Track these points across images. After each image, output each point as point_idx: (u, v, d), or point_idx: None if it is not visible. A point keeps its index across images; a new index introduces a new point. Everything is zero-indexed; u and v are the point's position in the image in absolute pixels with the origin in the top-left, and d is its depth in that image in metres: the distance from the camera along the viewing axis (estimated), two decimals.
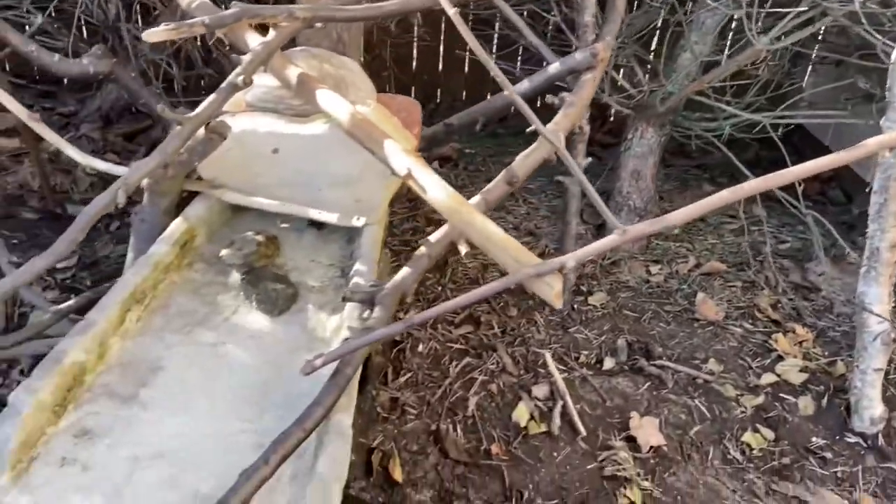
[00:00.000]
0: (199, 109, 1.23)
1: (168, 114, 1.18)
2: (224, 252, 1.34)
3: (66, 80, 3.29)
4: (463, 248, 1.24)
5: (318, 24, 1.35)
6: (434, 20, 3.00)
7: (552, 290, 1.00)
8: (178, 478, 0.96)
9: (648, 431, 1.67)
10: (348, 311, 1.23)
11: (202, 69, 2.67)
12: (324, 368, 1.03)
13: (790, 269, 2.36)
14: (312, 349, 1.22)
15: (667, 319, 2.09)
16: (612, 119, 3.35)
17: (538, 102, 3.75)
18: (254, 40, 1.40)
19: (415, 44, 2.99)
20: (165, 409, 1.06)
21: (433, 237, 1.25)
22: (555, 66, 1.57)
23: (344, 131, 1.25)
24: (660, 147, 2.41)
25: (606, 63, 1.57)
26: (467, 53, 3.05)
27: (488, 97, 1.98)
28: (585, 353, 1.92)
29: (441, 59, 3.20)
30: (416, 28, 3.01)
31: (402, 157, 1.17)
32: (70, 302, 1.40)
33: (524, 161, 1.32)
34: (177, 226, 1.35)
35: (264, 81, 1.40)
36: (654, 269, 2.33)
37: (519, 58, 2.87)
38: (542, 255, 2.38)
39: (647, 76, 2.32)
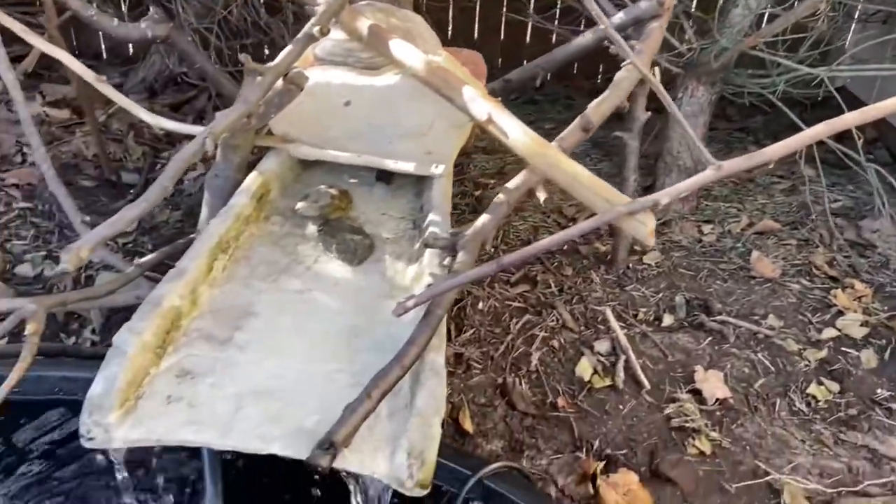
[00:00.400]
0: (277, 60, 1.23)
1: (250, 64, 1.19)
2: (300, 205, 1.36)
3: (105, 54, 3.33)
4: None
5: None
6: None
7: (646, 228, 1.00)
8: (282, 414, 0.98)
9: (713, 384, 1.67)
10: (428, 258, 1.24)
11: (245, 39, 2.69)
12: (409, 314, 1.05)
13: (844, 226, 2.33)
14: (394, 296, 1.23)
15: (723, 277, 2.08)
16: None
17: (575, 68, 3.72)
18: None
19: (450, 8, 2.96)
20: (261, 352, 1.08)
21: (511, 184, 1.25)
22: (619, 16, 1.56)
23: (420, 80, 1.26)
24: (710, 105, 2.39)
25: (671, 11, 1.55)
26: (503, 17, 3.02)
27: (524, 64, 1.96)
28: (643, 310, 1.92)
29: (477, 23, 3.18)
30: None
31: (482, 103, 1.18)
32: (150, 256, 1.42)
33: (598, 107, 1.31)
34: (252, 179, 1.36)
35: (332, 35, 1.40)
36: (706, 228, 2.32)
37: (556, 19, 2.84)
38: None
39: (695, 33, 2.30)
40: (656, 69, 2.35)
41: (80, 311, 1.72)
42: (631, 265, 2.08)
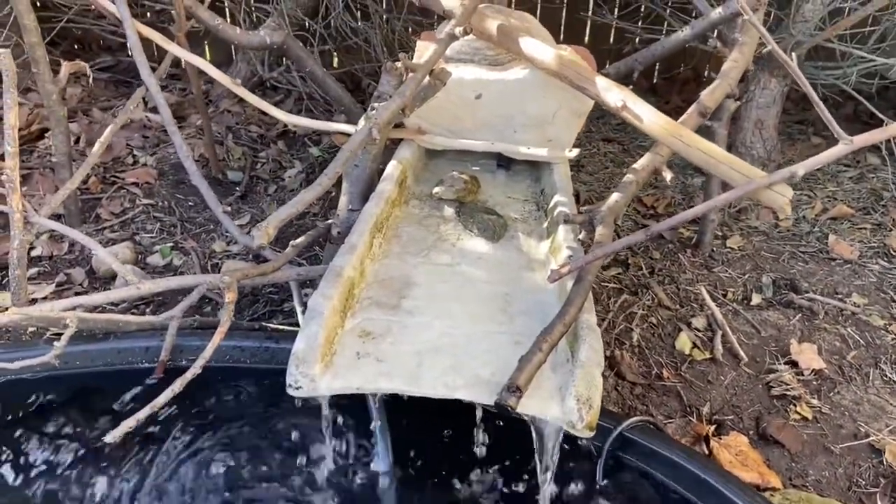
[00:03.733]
0: (425, 57, 1.37)
1: (405, 62, 1.33)
2: (437, 189, 1.50)
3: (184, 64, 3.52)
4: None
5: None
6: None
7: (784, 199, 1.11)
8: (460, 366, 1.10)
9: (809, 356, 1.77)
10: (562, 234, 1.36)
11: (339, 42, 2.85)
12: (552, 284, 1.17)
13: None
14: (532, 269, 1.36)
15: (804, 259, 2.18)
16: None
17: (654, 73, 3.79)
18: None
19: (538, 9, 3.08)
20: (428, 315, 1.21)
21: (638, 164, 1.37)
22: (717, 12, 1.67)
23: (552, 73, 1.38)
24: (782, 97, 2.49)
25: (766, 6, 1.66)
26: (589, 18, 3.13)
27: (607, 65, 2.07)
28: (732, 290, 2.02)
29: (563, 24, 3.27)
30: None
31: (616, 91, 1.30)
32: (300, 239, 1.56)
33: (711, 94, 1.43)
34: (394, 167, 1.50)
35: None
36: (782, 214, 2.41)
37: (639, 21, 2.95)
38: (668, 206, 2.49)
39: (767, 28, 2.40)
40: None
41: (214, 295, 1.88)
42: (715, 249, 2.19)
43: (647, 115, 1.26)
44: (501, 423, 1.24)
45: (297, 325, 1.63)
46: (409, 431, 1.30)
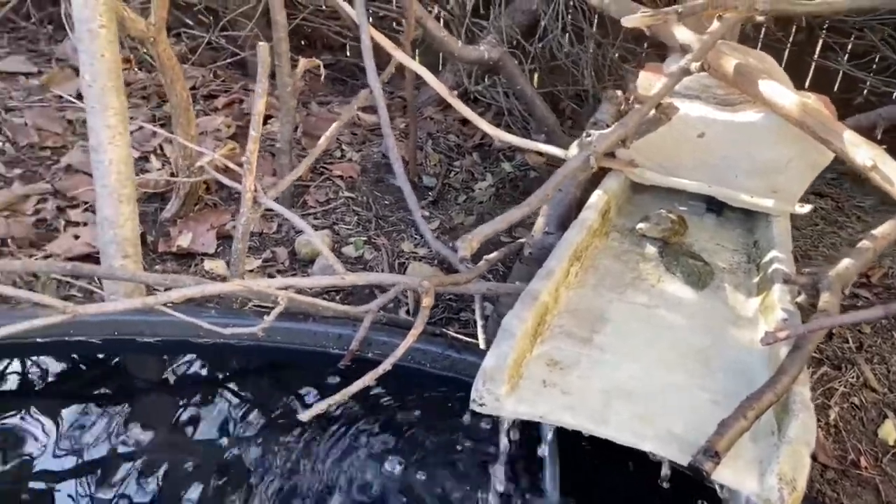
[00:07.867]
0: (654, 91, 1.33)
1: (636, 92, 1.30)
2: (641, 225, 1.44)
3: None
4: None
5: (760, 18, 1.40)
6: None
7: None
8: (650, 416, 1.05)
9: None
10: (778, 293, 1.25)
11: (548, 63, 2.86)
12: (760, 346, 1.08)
13: None
14: (738, 325, 1.27)
15: None
16: None
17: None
18: (679, 32, 1.48)
19: (759, 44, 2.89)
20: (620, 355, 1.17)
21: (878, 231, 1.24)
22: None
23: (791, 121, 1.29)
24: None
25: None
26: (815, 61, 2.88)
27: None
28: None
29: (784, 65, 3.04)
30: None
31: (866, 150, 1.18)
32: (494, 254, 1.58)
33: None
34: (599, 197, 1.47)
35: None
36: None
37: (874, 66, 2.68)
38: (884, 277, 2.24)
39: None
40: None
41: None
42: None
43: None
44: (683, 482, 1.17)
45: (475, 336, 1.64)
46: (580, 464, 1.26)
